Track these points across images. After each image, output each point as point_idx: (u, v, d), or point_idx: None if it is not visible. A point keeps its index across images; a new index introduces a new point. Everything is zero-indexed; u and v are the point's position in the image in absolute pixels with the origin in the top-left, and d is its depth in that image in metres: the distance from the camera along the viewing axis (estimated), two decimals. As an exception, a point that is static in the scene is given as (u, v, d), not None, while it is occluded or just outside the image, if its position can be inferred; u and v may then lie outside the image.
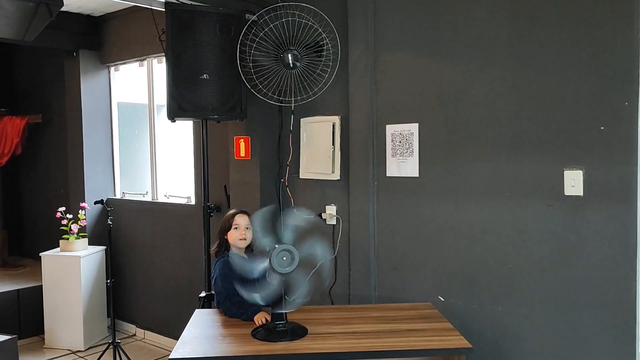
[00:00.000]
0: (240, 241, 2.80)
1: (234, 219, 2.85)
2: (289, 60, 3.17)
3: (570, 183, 2.49)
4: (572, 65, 2.49)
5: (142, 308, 4.87)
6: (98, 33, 5.04)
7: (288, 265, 2.35)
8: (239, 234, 2.80)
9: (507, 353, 2.72)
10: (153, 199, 4.83)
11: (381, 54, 3.10)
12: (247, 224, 2.84)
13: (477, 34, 2.76)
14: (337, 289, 3.35)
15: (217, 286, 2.74)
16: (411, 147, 3.00)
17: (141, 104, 4.95)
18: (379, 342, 2.31)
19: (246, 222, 2.84)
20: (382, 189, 3.14)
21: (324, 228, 3.39)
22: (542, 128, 2.58)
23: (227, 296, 2.67)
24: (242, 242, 2.81)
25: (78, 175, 5.08)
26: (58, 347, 4.55)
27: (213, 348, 2.31)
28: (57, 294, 4.56)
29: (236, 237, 2.80)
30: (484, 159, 2.75)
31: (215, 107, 3.28)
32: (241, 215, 2.87)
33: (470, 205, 2.81)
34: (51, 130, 5.67)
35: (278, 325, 2.41)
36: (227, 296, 2.67)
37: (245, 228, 2.82)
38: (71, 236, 4.61)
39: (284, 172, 3.57)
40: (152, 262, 4.71)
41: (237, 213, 2.88)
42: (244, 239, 2.80)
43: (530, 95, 2.61)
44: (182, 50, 3.21)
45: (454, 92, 2.85)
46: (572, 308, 2.53)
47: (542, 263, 2.60)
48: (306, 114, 3.46)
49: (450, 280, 2.90)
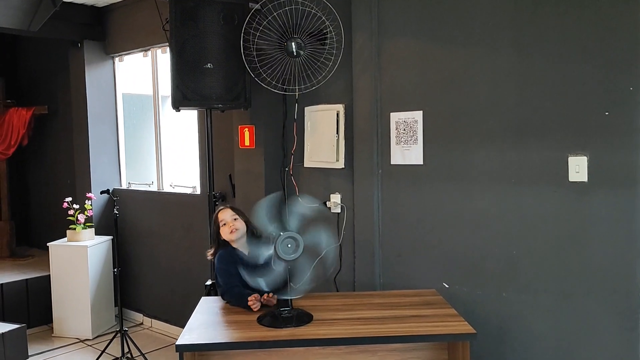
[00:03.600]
0: (232, 234, 2.75)
1: (218, 216, 2.82)
2: (292, 49, 3.17)
3: (575, 169, 2.49)
4: (576, 50, 2.48)
5: (149, 297, 4.91)
6: (102, 23, 5.05)
7: (293, 253, 2.36)
8: (228, 228, 2.76)
9: (512, 339, 2.73)
10: (159, 188, 4.86)
11: (385, 42, 3.10)
12: (232, 215, 2.80)
13: (481, 21, 2.75)
14: (341, 277, 3.37)
15: (217, 281, 2.78)
16: (415, 134, 3.00)
17: (146, 94, 4.96)
18: (383, 328, 2.33)
19: (230, 214, 2.80)
20: (387, 177, 3.15)
21: (328, 216, 3.40)
22: (547, 114, 2.57)
23: (226, 291, 2.71)
24: (234, 233, 2.75)
25: (84, 166, 5.12)
26: (66, 336, 4.61)
27: (219, 334, 2.34)
28: (65, 283, 4.60)
29: (227, 231, 2.76)
30: (489, 146, 2.75)
31: (220, 96, 3.28)
32: (223, 210, 2.83)
33: (474, 192, 2.82)
34: (57, 121, 5.70)
35: (283, 311, 2.43)
36: (226, 291, 2.71)
37: (232, 220, 2.78)
38: (78, 226, 4.65)
39: (289, 161, 3.57)
40: (159, 251, 4.75)
41: (219, 211, 2.85)
42: (235, 230, 2.75)
43: (535, 81, 2.60)
44: (186, 39, 3.22)
45: (458, 79, 2.84)
46: (576, 294, 2.53)
47: (546, 249, 2.61)
48: (310, 103, 3.46)
49: (455, 266, 2.91)
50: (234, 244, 2.79)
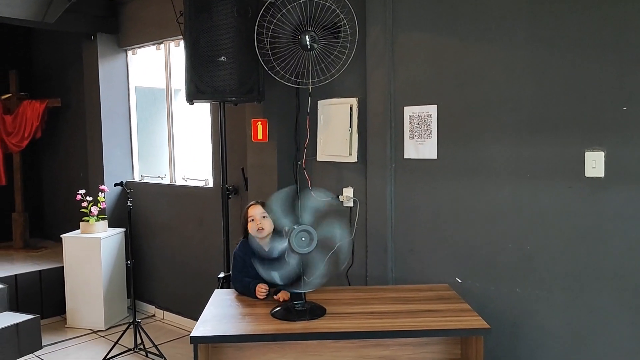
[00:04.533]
0: (258, 232, 2.77)
1: (248, 211, 2.83)
2: (306, 42, 3.16)
3: (591, 164, 2.47)
4: (593, 45, 2.45)
5: (161, 289, 4.94)
6: (115, 16, 5.07)
7: (307, 246, 2.36)
8: (255, 225, 2.78)
9: (525, 334, 2.72)
10: (171, 181, 4.88)
11: (399, 35, 3.08)
12: (261, 213, 2.80)
13: (497, 14, 2.72)
14: (354, 271, 3.37)
15: (232, 267, 2.85)
16: (429, 129, 2.99)
17: (158, 88, 4.97)
18: (397, 322, 2.32)
19: (260, 212, 2.81)
20: (400, 171, 3.14)
21: (341, 210, 3.40)
22: (563, 109, 2.55)
23: (236, 278, 2.79)
24: (260, 232, 2.77)
25: (97, 159, 5.15)
26: (79, 327, 4.65)
27: (233, 327, 2.35)
28: (78, 274, 4.64)
29: (253, 228, 2.78)
30: (504, 140, 2.73)
31: (233, 89, 3.28)
32: (254, 206, 2.84)
33: (489, 187, 2.80)
34: (70, 113, 5.74)
35: (297, 304, 2.43)
36: (236, 278, 2.79)
37: (261, 217, 2.79)
38: (91, 218, 4.68)
39: (301, 155, 3.57)
40: (171, 243, 4.78)
41: (250, 205, 2.86)
42: (261, 229, 2.77)
43: (551, 75, 2.58)
44: (200, 32, 3.21)
45: (474, 73, 2.82)
46: (592, 290, 2.52)
47: (562, 245, 2.59)
48: (323, 96, 3.45)
49: (468, 262, 2.90)
50: (258, 238, 2.82)
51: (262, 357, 2.53)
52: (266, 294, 2.64)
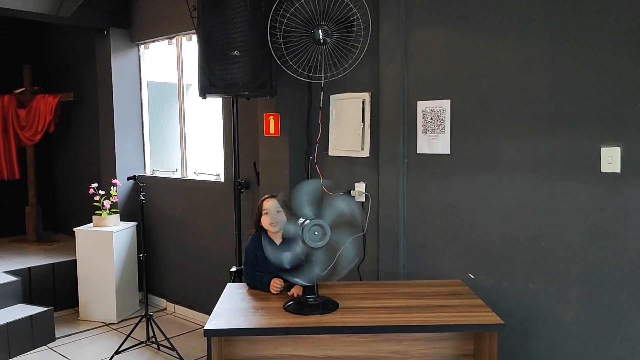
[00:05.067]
0: (271, 226, 2.78)
1: (263, 204, 2.84)
2: (319, 36, 3.15)
3: (607, 160, 2.45)
4: (610, 39, 2.42)
5: (172, 282, 4.97)
6: (128, 11, 5.08)
7: (320, 240, 2.36)
8: (269, 218, 2.79)
9: (538, 331, 2.71)
10: (183, 176, 4.89)
11: (413, 29, 3.06)
12: (276, 208, 2.81)
13: (512, 8, 2.70)
14: (365, 266, 3.36)
15: (244, 257, 2.86)
16: (443, 123, 2.97)
17: (170, 82, 4.99)
18: (410, 317, 2.32)
19: (275, 206, 2.82)
20: (412, 166, 3.12)
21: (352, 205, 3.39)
22: (579, 104, 2.53)
23: (247, 273, 2.80)
24: (274, 226, 2.78)
25: (109, 153, 5.18)
26: (92, 319, 4.69)
27: (246, 320, 2.36)
28: (91, 268, 4.68)
29: (267, 222, 2.79)
30: (518, 135, 2.71)
31: (246, 83, 3.28)
32: (269, 199, 2.85)
33: (503, 183, 2.79)
34: (83, 108, 5.77)
35: (309, 299, 2.44)
36: (247, 273, 2.80)
37: (275, 212, 2.80)
38: (104, 212, 4.71)
39: (313, 149, 3.57)
40: (182, 237, 4.80)
41: (265, 198, 2.87)
42: (275, 223, 2.78)
43: (567, 70, 2.55)
44: (213, 26, 3.22)
45: (488, 67, 2.80)
46: (607, 286, 2.50)
47: (577, 241, 2.57)
48: (336, 91, 3.44)
49: (481, 257, 2.89)
50: (270, 233, 2.83)
51: (274, 350, 2.54)
52: (280, 289, 2.64)
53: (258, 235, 2.82)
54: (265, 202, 2.85)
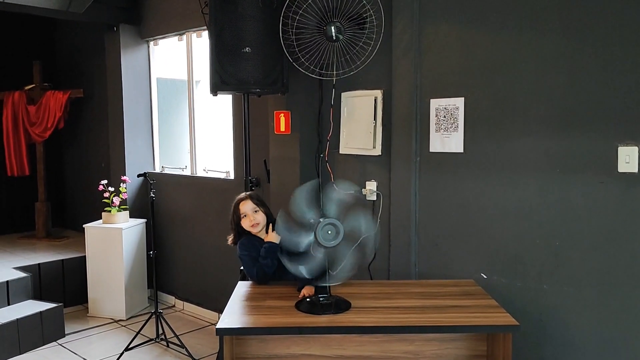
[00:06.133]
0: (252, 227, 2.75)
1: (239, 208, 2.78)
2: (331, 33, 3.13)
3: (625, 159, 2.41)
4: (628, 36, 2.38)
5: (181, 280, 4.96)
6: (138, 7, 5.07)
7: (333, 239, 2.34)
8: (248, 221, 2.75)
9: (552, 332, 2.68)
10: (192, 173, 4.89)
11: (426, 26, 3.03)
12: (252, 208, 2.77)
13: (528, 4, 2.66)
14: (376, 264, 3.34)
15: (243, 263, 2.80)
16: (456, 122, 2.94)
17: (180, 79, 4.98)
18: (424, 317, 2.30)
19: (251, 207, 2.77)
20: (425, 164, 3.10)
21: (364, 203, 3.37)
22: (595, 102, 2.49)
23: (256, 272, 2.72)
24: (255, 227, 2.75)
25: (119, 149, 5.18)
26: (101, 316, 4.70)
27: (258, 319, 2.34)
28: (100, 264, 4.68)
29: (247, 225, 2.76)
30: (533, 134, 2.68)
31: (258, 80, 3.26)
32: (244, 202, 2.79)
33: (517, 182, 2.75)
34: (92, 104, 5.77)
35: (322, 298, 2.41)
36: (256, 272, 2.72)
37: (252, 212, 2.76)
38: (113, 209, 4.71)
39: (324, 147, 3.55)
40: (192, 235, 4.79)
41: (239, 201, 2.80)
42: (255, 224, 2.75)
43: (583, 68, 2.51)
44: (225, 23, 3.20)
45: (503, 64, 2.77)
46: (623, 287, 2.46)
47: (592, 241, 2.53)
48: (347, 88, 3.42)
49: (494, 257, 2.86)
50: (254, 233, 2.81)
51: (286, 349, 2.52)
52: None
53: (245, 239, 2.79)
54: (241, 205, 2.79)
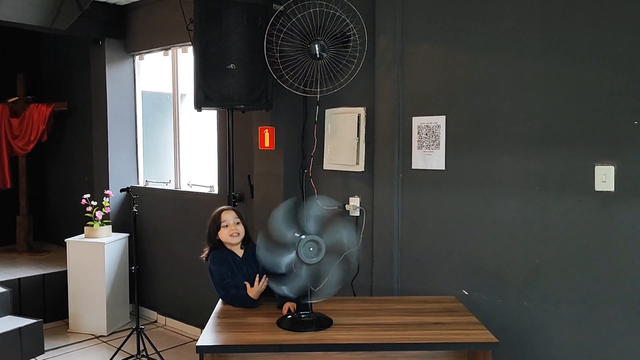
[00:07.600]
0: (232, 237, 2.74)
1: (221, 216, 2.77)
2: (315, 51, 3.16)
3: (602, 178, 2.46)
4: (606, 57, 2.44)
5: (164, 295, 4.92)
6: (123, 22, 5.08)
7: (315, 256, 2.35)
8: (229, 230, 2.74)
9: (532, 348, 2.70)
10: (176, 187, 4.87)
11: (409, 45, 3.08)
12: (235, 219, 2.77)
13: (508, 24, 2.72)
14: (359, 280, 3.35)
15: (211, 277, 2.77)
16: (438, 139, 2.98)
17: (165, 93, 4.98)
18: (405, 335, 2.31)
19: (234, 217, 2.77)
20: (407, 181, 3.12)
21: (347, 219, 3.38)
22: (574, 121, 2.54)
23: (223, 295, 2.72)
24: (235, 237, 2.74)
25: (102, 163, 5.14)
26: (82, 332, 4.63)
27: (239, 336, 2.33)
28: (81, 279, 4.63)
29: (227, 234, 2.74)
30: (513, 152, 2.72)
31: (242, 97, 3.29)
32: (227, 211, 2.79)
33: (497, 199, 2.79)
34: (76, 118, 5.74)
35: (303, 315, 2.42)
36: (223, 295, 2.72)
37: (234, 223, 2.75)
38: (95, 223, 4.67)
39: (308, 163, 3.56)
40: (174, 249, 4.76)
41: (222, 211, 2.80)
42: (236, 234, 2.74)
43: (562, 87, 2.57)
44: (210, 39, 3.22)
45: (483, 84, 2.82)
46: (601, 305, 2.50)
47: (571, 258, 2.57)
48: (331, 105, 3.45)
49: (475, 274, 2.88)
50: (229, 245, 2.78)
51: (267, 367, 2.51)
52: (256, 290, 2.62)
53: (217, 252, 2.76)
54: (223, 213, 2.78)
